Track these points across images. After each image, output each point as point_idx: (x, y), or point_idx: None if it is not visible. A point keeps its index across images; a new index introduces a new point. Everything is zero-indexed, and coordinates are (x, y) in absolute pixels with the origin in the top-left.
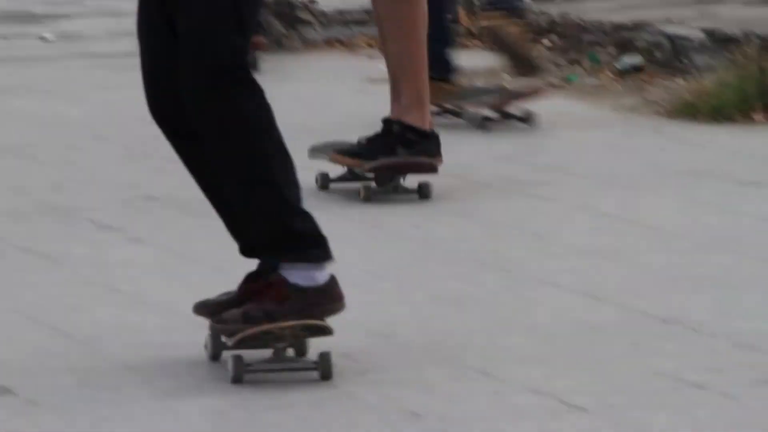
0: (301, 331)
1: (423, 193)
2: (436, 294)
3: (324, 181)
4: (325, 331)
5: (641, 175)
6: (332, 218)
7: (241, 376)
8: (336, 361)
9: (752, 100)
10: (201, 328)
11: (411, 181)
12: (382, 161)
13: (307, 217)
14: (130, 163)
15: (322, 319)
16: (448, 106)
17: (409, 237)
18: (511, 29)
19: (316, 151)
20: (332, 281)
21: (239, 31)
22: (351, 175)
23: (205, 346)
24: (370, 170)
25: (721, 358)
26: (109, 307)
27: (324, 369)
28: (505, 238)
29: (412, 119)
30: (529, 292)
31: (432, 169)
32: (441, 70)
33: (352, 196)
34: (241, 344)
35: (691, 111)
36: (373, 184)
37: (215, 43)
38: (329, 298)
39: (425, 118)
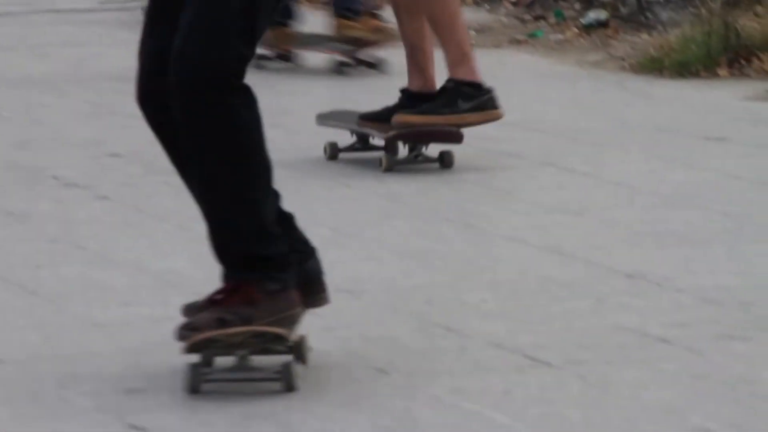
0: (252, 338)
1: (445, 162)
2: (402, 251)
3: (333, 151)
4: (280, 339)
5: (606, 130)
6: (298, 175)
7: (197, 385)
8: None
9: (717, 54)
10: (167, 285)
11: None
12: (405, 131)
13: (280, 239)
14: (94, 120)
15: (284, 326)
16: (282, 50)
17: (374, 193)
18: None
19: (323, 119)
20: (291, 286)
21: (246, 39)
22: (361, 145)
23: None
24: (390, 138)
25: (686, 312)
26: (75, 264)
27: (287, 380)
28: (470, 194)
29: (462, 74)
30: (494, 248)
31: (457, 138)
32: (282, 15)
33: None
34: (192, 351)
35: (656, 66)
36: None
37: (221, 49)
38: (294, 302)
39: (474, 70)
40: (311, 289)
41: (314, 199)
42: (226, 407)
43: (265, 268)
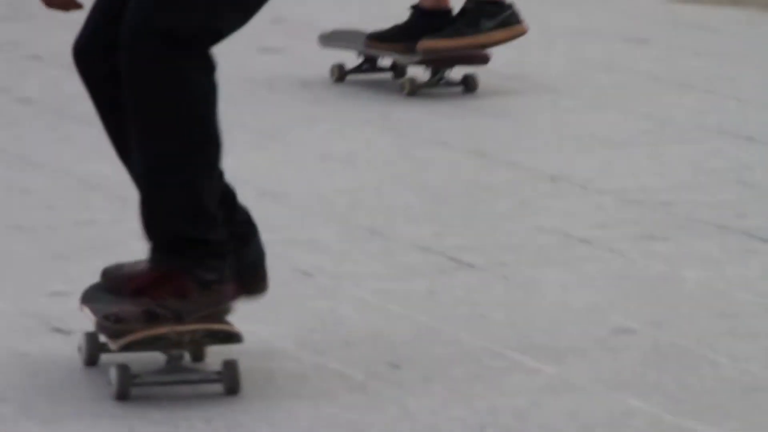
0: (204, 337)
1: (469, 85)
2: (326, 154)
3: (340, 73)
4: (234, 338)
5: (529, 33)
6: (219, 79)
7: (127, 390)
8: None
9: None
10: (90, 189)
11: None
12: (431, 56)
13: (220, 224)
14: (14, 22)
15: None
16: None
17: (299, 98)
18: None
19: (326, 40)
20: (225, 277)
21: (216, 10)
22: (369, 66)
23: (79, 349)
24: (415, 64)
25: (608, 214)
26: None
27: (230, 381)
28: (392, 97)
29: None
30: (418, 151)
31: (483, 59)
32: None
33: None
34: (128, 349)
35: None
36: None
37: (185, 10)
38: (227, 295)
39: None
40: (249, 277)
41: (237, 102)
42: None
43: (199, 254)
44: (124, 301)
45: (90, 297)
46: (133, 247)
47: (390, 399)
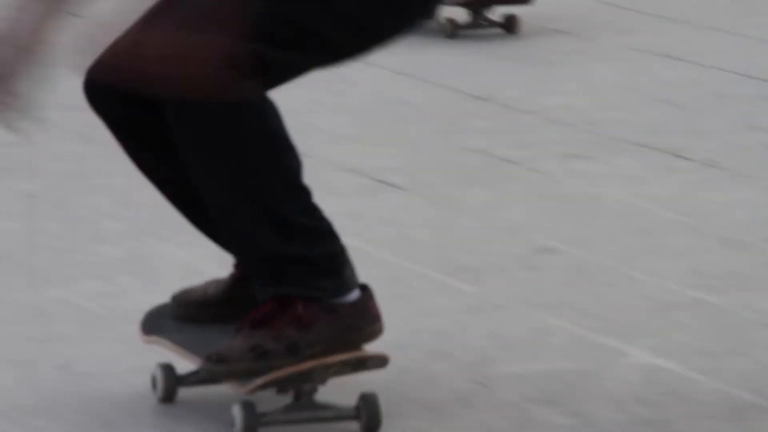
0: (354, 367)
1: (511, 27)
2: None
3: None
4: (383, 362)
5: None
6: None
7: (254, 430)
8: None
9: None
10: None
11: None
12: None
13: (318, 239)
14: None
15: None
16: None
17: None
18: None
19: None
20: (365, 295)
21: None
22: None
23: (154, 383)
24: (456, 5)
25: (532, 133)
26: None
27: (370, 417)
28: None
29: None
30: (346, 71)
31: None
32: None
33: None
34: (263, 389)
35: None
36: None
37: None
38: (365, 318)
39: None
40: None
41: None
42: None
43: (303, 275)
44: (233, 338)
45: (160, 327)
46: (53, 167)
47: None
